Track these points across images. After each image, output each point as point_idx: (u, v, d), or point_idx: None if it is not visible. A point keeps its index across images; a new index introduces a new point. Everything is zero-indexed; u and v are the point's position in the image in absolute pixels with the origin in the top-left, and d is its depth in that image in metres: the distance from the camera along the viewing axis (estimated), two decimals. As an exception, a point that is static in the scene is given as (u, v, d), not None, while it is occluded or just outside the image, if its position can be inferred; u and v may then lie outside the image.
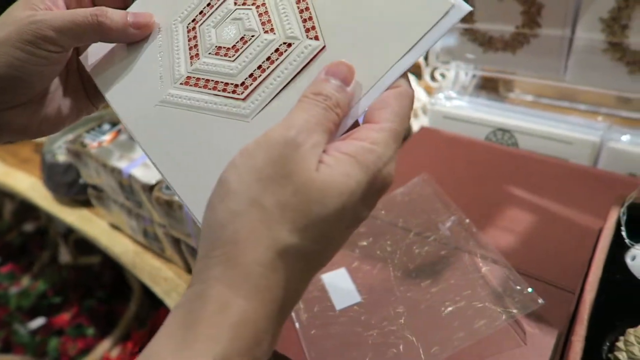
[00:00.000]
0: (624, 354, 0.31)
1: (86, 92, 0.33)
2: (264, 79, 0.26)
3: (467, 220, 0.45)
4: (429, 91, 0.78)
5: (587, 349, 0.31)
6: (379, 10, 0.24)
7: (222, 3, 0.29)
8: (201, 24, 0.29)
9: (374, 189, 0.21)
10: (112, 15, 0.29)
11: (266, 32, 0.27)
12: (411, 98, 0.23)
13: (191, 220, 0.56)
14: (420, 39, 0.23)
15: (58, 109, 0.32)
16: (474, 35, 0.59)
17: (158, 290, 0.65)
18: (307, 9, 0.26)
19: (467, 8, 0.22)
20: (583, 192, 0.49)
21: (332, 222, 0.21)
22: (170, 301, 0.63)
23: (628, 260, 0.38)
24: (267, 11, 0.27)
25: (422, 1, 0.23)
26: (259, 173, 0.20)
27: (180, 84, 0.28)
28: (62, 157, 0.80)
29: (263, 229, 0.20)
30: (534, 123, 0.57)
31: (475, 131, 0.61)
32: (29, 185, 0.88)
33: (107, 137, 0.71)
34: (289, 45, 0.26)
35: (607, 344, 0.33)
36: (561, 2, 0.51)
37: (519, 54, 0.57)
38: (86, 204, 0.80)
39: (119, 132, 0.73)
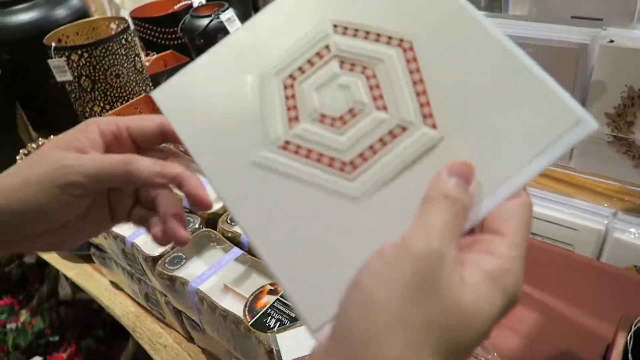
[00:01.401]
0: None
1: (111, 215, 0.33)
2: (375, 162, 0.24)
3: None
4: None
5: None
6: (503, 109, 0.23)
7: (324, 64, 0.26)
8: (301, 83, 0.26)
9: (507, 310, 0.21)
10: (141, 165, 0.29)
11: (378, 108, 0.25)
12: (532, 211, 0.23)
13: (194, 294, 0.56)
14: (545, 149, 0.22)
15: (77, 231, 0.32)
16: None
17: (158, 359, 0.65)
18: (424, 92, 0.24)
19: (594, 126, 0.21)
20: (588, 287, 0.49)
21: (470, 347, 0.20)
22: (169, 373, 0.63)
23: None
24: (378, 84, 0.25)
25: (550, 109, 0.22)
26: (405, 287, 0.20)
27: (278, 147, 0.26)
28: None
29: (410, 354, 0.19)
30: (540, 206, 0.57)
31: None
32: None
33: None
34: (404, 129, 0.24)
35: None
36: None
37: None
38: (88, 259, 0.80)
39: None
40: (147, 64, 1.17)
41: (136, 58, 1.00)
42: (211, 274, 0.56)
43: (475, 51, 0.24)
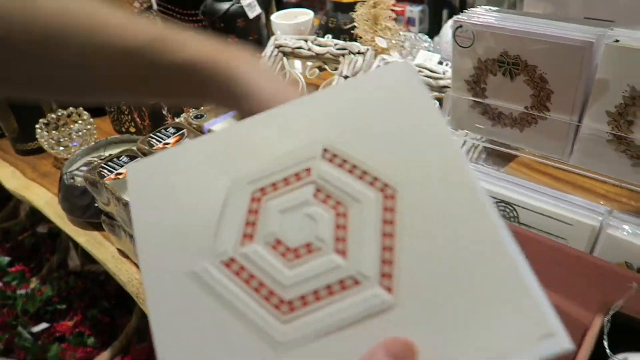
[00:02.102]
0: None
1: None
2: (315, 310, 0.22)
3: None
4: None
5: None
6: (471, 297, 0.20)
7: (300, 187, 0.24)
8: (269, 200, 0.25)
9: None
10: None
11: (337, 251, 0.23)
12: None
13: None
14: (503, 356, 0.19)
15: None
16: (484, 108, 0.60)
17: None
18: (391, 249, 0.22)
19: (567, 346, 0.19)
20: (579, 282, 0.50)
21: None
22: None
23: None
24: (346, 225, 0.23)
25: (522, 315, 0.19)
26: None
27: (221, 262, 0.24)
28: (79, 180, 0.83)
29: None
30: (536, 200, 0.58)
31: (478, 200, 0.62)
32: (45, 201, 0.91)
33: (124, 170, 0.74)
34: (357, 282, 0.22)
35: None
36: (570, 91, 0.52)
37: (526, 132, 0.58)
38: (98, 227, 0.83)
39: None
40: (167, 44, 1.19)
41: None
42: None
43: (462, 225, 0.21)
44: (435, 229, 0.22)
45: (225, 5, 1.09)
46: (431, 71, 0.90)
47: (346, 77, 0.97)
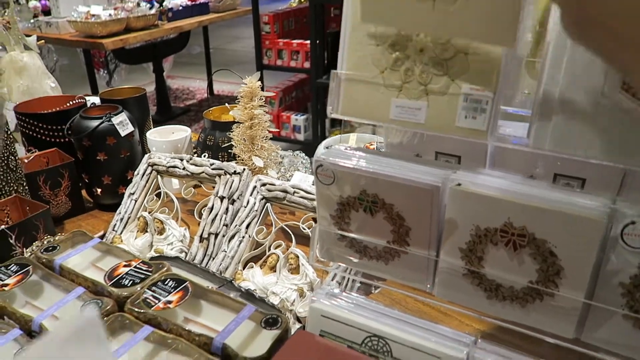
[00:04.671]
0: None
1: None
2: None
3: None
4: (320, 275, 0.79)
5: None
6: None
7: None
8: None
9: None
10: None
11: None
12: None
13: None
14: None
15: None
16: (350, 242, 0.61)
17: None
18: None
19: None
20: None
21: None
22: None
23: None
24: None
25: None
26: None
27: None
28: None
29: None
30: (405, 332, 0.58)
31: (353, 334, 0.61)
32: None
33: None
34: None
35: None
36: (425, 228, 0.55)
37: (391, 265, 0.60)
38: None
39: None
40: (25, 161, 1.10)
41: (10, 157, 0.94)
42: None
43: None
44: None
45: (94, 123, 1.04)
46: (306, 192, 0.92)
47: (222, 197, 0.95)
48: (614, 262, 0.48)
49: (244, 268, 0.90)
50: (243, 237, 0.91)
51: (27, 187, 0.98)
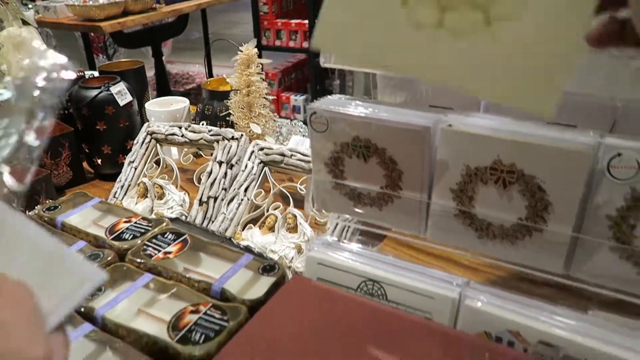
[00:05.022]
0: None
1: None
2: None
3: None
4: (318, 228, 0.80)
5: None
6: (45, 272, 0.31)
7: None
8: None
9: None
10: None
11: None
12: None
13: None
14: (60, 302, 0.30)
15: None
16: (345, 189, 0.62)
17: None
18: None
19: (100, 277, 0.32)
20: (442, 354, 0.50)
21: None
22: None
23: None
24: None
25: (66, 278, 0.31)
26: None
27: None
28: None
29: None
30: (400, 276, 0.60)
31: (348, 280, 0.62)
32: None
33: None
34: None
35: None
36: (417, 171, 0.56)
37: (385, 210, 0.61)
38: None
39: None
40: (26, 132, 1.10)
41: (10, 125, 0.95)
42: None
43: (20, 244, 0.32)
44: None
45: (92, 93, 1.05)
46: (302, 154, 0.93)
47: (220, 162, 0.96)
48: (601, 195, 0.49)
49: (243, 230, 0.91)
50: (242, 199, 0.92)
51: (28, 156, 0.99)
